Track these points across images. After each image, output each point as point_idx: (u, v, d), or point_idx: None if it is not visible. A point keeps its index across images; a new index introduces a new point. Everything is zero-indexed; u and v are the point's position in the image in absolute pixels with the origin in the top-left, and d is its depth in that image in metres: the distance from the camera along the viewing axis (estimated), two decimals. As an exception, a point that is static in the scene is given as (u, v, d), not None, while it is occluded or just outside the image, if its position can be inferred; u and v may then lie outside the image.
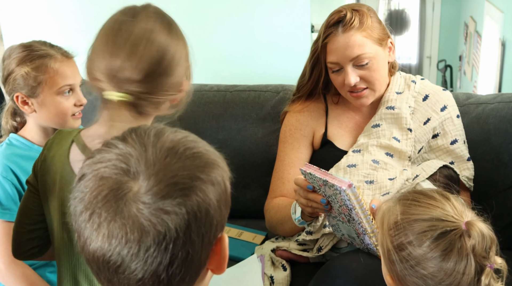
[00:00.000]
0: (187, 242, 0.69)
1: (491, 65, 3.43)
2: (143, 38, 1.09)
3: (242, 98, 2.02)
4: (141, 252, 0.67)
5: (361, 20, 1.52)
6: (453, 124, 1.66)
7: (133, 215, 0.67)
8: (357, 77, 1.54)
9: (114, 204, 0.67)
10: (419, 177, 1.54)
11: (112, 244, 0.67)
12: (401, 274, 0.90)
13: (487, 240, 0.89)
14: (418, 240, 0.88)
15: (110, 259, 0.68)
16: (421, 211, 0.91)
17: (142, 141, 0.72)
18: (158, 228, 0.66)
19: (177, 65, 1.12)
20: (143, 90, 1.10)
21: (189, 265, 0.71)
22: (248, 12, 2.45)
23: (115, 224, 0.67)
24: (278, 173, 1.70)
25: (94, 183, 0.69)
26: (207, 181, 0.72)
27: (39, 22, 2.62)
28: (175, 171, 0.69)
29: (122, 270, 0.68)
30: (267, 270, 1.56)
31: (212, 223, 0.72)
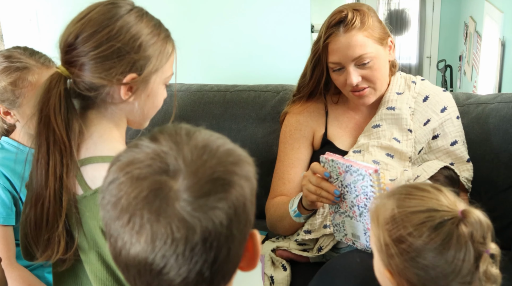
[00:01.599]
0: (229, 238, 0.69)
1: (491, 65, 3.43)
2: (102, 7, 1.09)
3: (242, 98, 2.02)
4: (187, 251, 0.66)
5: (362, 20, 1.52)
6: (453, 125, 1.66)
7: (177, 213, 0.66)
8: (359, 77, 1.55)
9: (156, 204, 0.66)
10: (420, 178, 1.54)
11: (157, 245, 0.66)
12: (401, 267, 0.91)
13: (484, 227, 0.91)
14: (418, 231, 0.89)
15: (154, 261, 0.66)
16: (416, 203, 0.92)
17: (175, 140, 0.71)
18: (204, 224, 0.66)
19: (122, 45, 1.07)
20: (73, 57, 1.07)
21: (230, 262, 0.71)
22: (248, 13, 2.46)
23: (159, 225, 0.65)
24: (279, 173, 1.71)
25: (129, 185, 0.67)
26: (242, 176, 0.72)
27: (39, 22, 2.62)
28: (213, 168, 0.69)
29: (166, 271, 0.67)
30: (267, 270, 1.56)
31: (248, 218, 0.73)
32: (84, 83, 1.08)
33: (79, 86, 1.09)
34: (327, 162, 1.34)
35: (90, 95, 1.10)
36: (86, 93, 1.10)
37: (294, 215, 1.51)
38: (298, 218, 1.52)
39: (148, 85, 1.14)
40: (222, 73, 2.51)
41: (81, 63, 1.07)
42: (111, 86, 1.10)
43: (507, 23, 3.03)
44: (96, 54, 1.06)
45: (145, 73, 1.11)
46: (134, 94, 1.13)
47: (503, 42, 3.01)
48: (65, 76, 1.09)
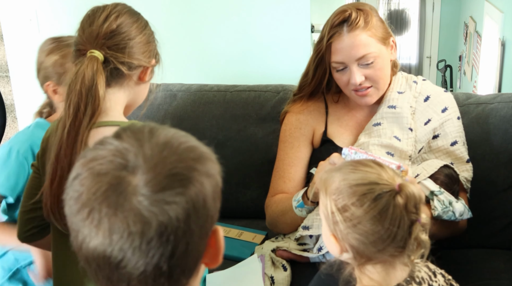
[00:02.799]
0: (187, 233, 0.70)
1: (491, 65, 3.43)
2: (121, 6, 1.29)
3: (242, 98, 2.02)
4: (143, 245, 0.67)
5: (366, 20, 1.52)
6: (453, 125, 1.66)
7: (134, 207, 0.67)
8: (362, 76, 1.55)
9: (114, 198, 0.68)
10: (420, 176, 1.54)
11: (114, 239, 0.67)
12: (345, 233, 1.01)
13: (416, 199, 1.01)
14: (360, 201, 1.00)
15: (112, 254, 0.68)
16: (360, 176, 1.02)
17: (137, 137, 0.73)
18: (159, 219, 0.67)
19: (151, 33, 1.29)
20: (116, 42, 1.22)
21: (188, 256, 0.72)
22: (248, 12, 2.46)
23: (116, 218, 0.67)
24: (279, 172, 1.71)
25: (91, 180, 0.69)
26: (203, 172, 0.73)
27: (39, 22, 2.62)
28: (173, 163, 0.70)
29: (124, 265, 0.68)
30: (267, 270, 1.56)
31: (208, 214, 0.73)
32: (124, 64, 1.24)
33: (118, 67, 1.23)
34: (349, 154, 1.37)
35: (130, 73, 1.26)
36: (127, 72, 1.25)
37: (297, 205, 1.52)
38: (300, 209, 1.53)
39: (152, 73, 1.33)
40: (222, 73, 2.51)
41: (122, 46, 1.23)
42: (142, 68, 1.27)
43: (507, 23, 3.03)
44: (139, 38, 1.25)
45: (157, 58, 1.32)
46: (148, 76, 1.31)
47: (503, 42, 3.02)
48: (100, 59, 1.22)
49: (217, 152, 2.24)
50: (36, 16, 2.61)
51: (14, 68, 2.74)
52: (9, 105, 2.85)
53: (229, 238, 1.83)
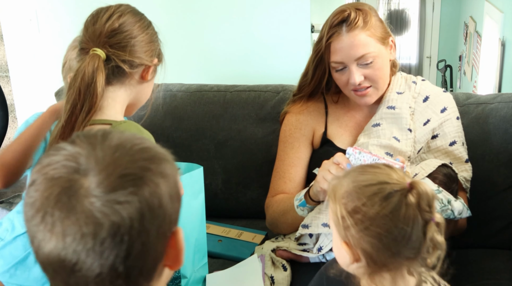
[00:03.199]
0: (142, 233, 0.69)
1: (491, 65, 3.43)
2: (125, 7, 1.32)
3: (242, 98, 2.02)
4: (96, 246, 0.67)
5: (365, 20, 1.53)
6: (452, 126, 1.66)
7: (86, 209, 0.67)
8: (361, 76, 1.55)
9: (66, 201, 0.68)
10: (418, 175, 1.54)
11: (67, 241, 0.67)
12: (357, 237, 0.97)
13: (429, 196, 0.97)
14: (370, 201, 0.96)
15: (66, 257, 0.68)
16: (369, 177, 0.99)
17: (90, 141, 0.73)
18: (111, 219, 0.67)
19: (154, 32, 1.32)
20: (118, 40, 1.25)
21: (146, 257, 0.71)
22: (248, 13, 2.46)
23: (69, 221, 0.68)
24: (279, 172, 1.71)
25: (44, 185, 0.70)
26: (157, 172, 0.73)
27: (39, 22, 2.62)
28: (124, 164, 0.71)
29: (79, 267, 0.68)
30: (267, 270, 1.56)
31: (166, 214, 0.73)
32: (125, 62, 1.26)
33: (119, 65, 1.26)
34: (353, 154, 1.37)
35: (132, 71, 1.28)
36: (128, 70, 1.28)
37: (299, 204, 1.52)
38: (302, 209, 1.53)
39: (155, 73, 1.36)
40: (222, 73, 2.51)
41: (124, 45, 1.26)
42: (143, 67, 1.30)
43: (507, 23, 3.03)
44: (141, 37, 1.28)
45: (160, 57, 1.35)
46: (151, 75, 1.34)
47: (503, 42, 3.02)
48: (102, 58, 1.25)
49: (217, 152, 2.25)
50: (36, 16, 2.61)
51: (14, 68, 2.74)
52: (9, 105, 2.85)
53: (229, 238, 1.83)
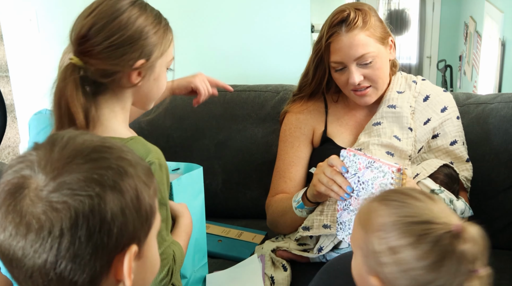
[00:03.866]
0: (74, 243, 0.68)
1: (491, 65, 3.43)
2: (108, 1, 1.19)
3: (242, 98, 2.02)
4: (27, 246, 0.69)
5: (364, 19, 1.53)
6: (453, 125, 1.66)
7: (24, 210, 0.69)
8: (361, 76, 1.55)
9: (12, 197, 0.70)
10: (419, 176, 1.54)
11: (5, 236, 0.70)
12: (391, 277, 0.89)
13: (479, 244, 0.88)
14: (417, 242, 0.87)
15: (4, 250, 0.71)
16: (413, 212, 0.90)
17: (54, 142, 0.74)
18: (42, 224, 0.68)
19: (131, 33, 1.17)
20: (87, 48, 1.14)
21: (80, 267, 0.70)
22: (248, 12, 2.46)
23: (9, 217, 0.70)
24: (279, 172, 1.71)
25: (4, 179, 0.73)
26: (106, 186, 0.70)
27: (39, 22, 2.62)
28: (71, 171, 0.70)
29: (15, 264, 0.70)
30: (267, 270, 1.56)
31: (110, 230, 0.70)
32: (99, 70, 1.16)
33: (93, 74, 1.16)
34: (348, 156, 1.35)
35: (105, 81, 1.18)
36: (100, 80, 1.17)
37: (297, 206, 1.52)
38: (300, 210, 1.53)
39: (154, 69, 1.24)
40: (222, 73, 2.51)
41: (96, 52, 1.15)
42: (123, 72, 1.18)
43: (507, 23, 3.03)
44: (110, 42, 1.15)
45: (152, 58, 1.21)
46: (143, 78, 1.22)
47: (503, 42, 3.02)
48: (78, 66, 1.16)
49: (217, 152, 2.25)
50: (36, 16, 2.61)
51: (14, 68, 2.74)
52: (9, 105, 2.85)
53: (229, 238, 1.83)
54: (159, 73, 1.26)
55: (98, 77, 1.17)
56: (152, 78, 1.24)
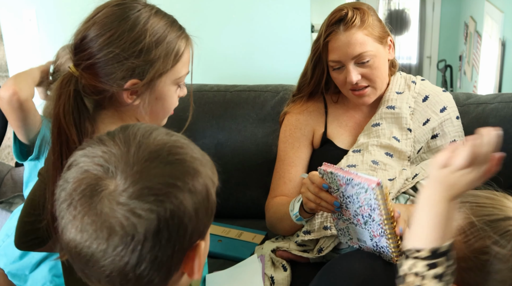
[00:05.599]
0: (155, 246, 0.69)
1: (491, 65, 3.43)
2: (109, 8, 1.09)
3: (242, 98, 2.02)
4: (109, 250, 0.68)
5: (362, 19, 1.53)
6: (452, 125, 1.66)
7: (104, 213, 0.68)
8: (358, 75, 1.55)
9: (89, 199, 0.69)
10: (418, 176, 1.54)
11: (83, 237, 0.69)
12: (481, 280, 0.82)
13: None
14: (504, 239, 0.81)
15: (81, 251, 0.70)
16: (491, 211, 0.85)
17: (128, 140, 0.72)
18: (126, 230, 0.67)
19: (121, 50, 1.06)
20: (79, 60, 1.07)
21: (158, 268, 0.71)
22: (248, 12, 2.45)
23: (88, 219, 0.68)
24: (279, 172, 1.71)
25: (76, 175, 0.71)
26: (185, 189, 0.71)
27: (39, 22, 2.62)
28: (151, 176, 0.69)
29: (92, 264, 0.70)
30: (267, 271, 1.56)
31: (186, 230, 0.71)
32: (89, 85, 1.08)
33: (84, 89, 1.09)
34: (325, 173, 1.30)
35: (96, 98, 1.10)
36: (92, 96, 1.09)
37: (296, 219, 1.50)
38: (300, 222, 1.52)
39: (154, 88, 1.12)
40: (222, 73, 2.51)
41: (86, 66, 1.07)
42: (113, 91, 1.09)
43: (507, 23, 3.03)
44: (98, 58, 1.06)
45: (147, 78, 1.09)
46: (139, 97, 1.11)
47: (503, 42, 3.02)
48: (75, 76, 1.08)
49: (217, 152, 2.25)
50: (36, 16, 2.61)
51: (14, 68, 2.74)
52: (9, 105, 2.84)
53: (229, 238, 1.83)
54: (162, 91, 1.13)
55: (89, 92, 1.08)
56: (153, 97, 1.12)
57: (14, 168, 2.21)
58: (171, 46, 1.11)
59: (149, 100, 1.12)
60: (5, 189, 2.13)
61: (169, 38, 1.11)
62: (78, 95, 1.09)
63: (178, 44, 1.13)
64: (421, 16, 6.78)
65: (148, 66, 1.08)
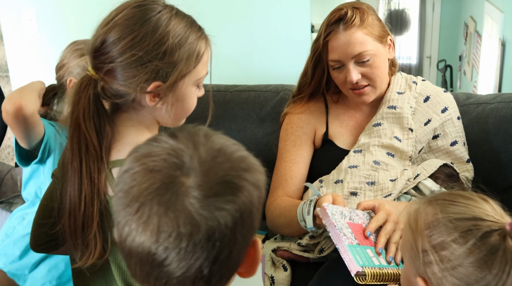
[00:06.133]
0: (231, 241, 0.70)
1: (491, 65, 3.43)
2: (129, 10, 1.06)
3: (242, 98, 2.02)
4: (189, 247, 0.67)
5: (362, 18, 1.53)
6: (453, 126, 1.66)
7: (186, 208, 0.67)
8: (358, 75, 1.55)
9: (166, 197, 0.68)
10: (420, 176, 1.54)
11: (161, 238, 0.67)
12: (439, 276, 0.86)
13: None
14: (463, 238, 0.84)
15: (156, 252, 0.68)
16: (461, 210, 0.87)
17: (193, 139, 0.73)
18: (209, 223, 0.67)
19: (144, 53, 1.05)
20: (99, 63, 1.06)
21: (228, 264, 0.72)
22: (248, 12, 2.45)
23: (166, 218, 0.67)
24: (280, 170, 1.69)
25: (143, 176, 0.69)
26: (252, 183, 0.73)
27: (39, 22, 2.62)
28: (225, 170, 0.71)
29: (167, 264, 0.68)
30: (267, 270, 1.56)
31: (252, 224, 0.74)
32: (111, 89, 1.08)
33: (105, 92, 1.09)
34: (326, 216, 1.29)
35: (117, 101, 1.10)
36: (113, 99, 1.09)
37: (308, 228, 1.42)
38: (315, 232, 1.47)
39: (176, 90, 1.11)
40: (222, 73, 2.51)
41: (107, 70, 1.06)
42: (135, 94, 1.08)
43: (507, 23, 3.03)
44: (120, 61, 1.05)
45: (171, 80, 1.08)
46: (162, 99, 1.10)
47: (503, 42, 3.02)
48: (95, 79, 1.08)
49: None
50: (36, 16, 2.61)
51: (14, 68, 2.74)
52: (9, 105, 2.84)
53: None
54: (184, 93, 1.13)
55: (111, 96, 1.08)
56: (174, 99, 1.11)
57: (14, 168, 2.21)
58: (192, 47, 1.11)
59: (171, 102, 1.12)
60: (5, 189, 2.13)
61: (190, 39, 1.10)
62: (97, 99, 1.09)
63: (199, 45, 1.12)
64: (421, 16, 6.78)
65: (172, 68, 1.08)
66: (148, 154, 0.71)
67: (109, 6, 1.10)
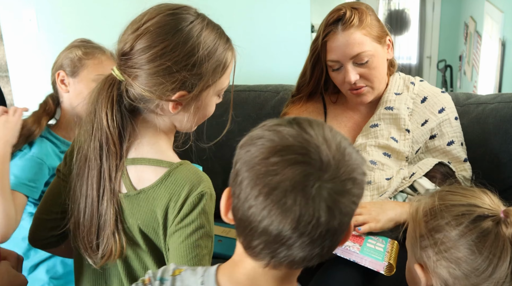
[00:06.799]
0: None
1: (491, 65, 3.43)
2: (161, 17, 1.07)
3: (242, 98, 2.02)
4: (322, 234, 0.73)
5: (361, 18, 1.53)
6: (450, 126, 1.66)
7: (322, 201, 0.72)
8: (357, 75, 1.55)
9: (307, 189, 0.72)
10: (415, 175, 1.54)
11: (301, 225, 0.72)
12: (434, 259, 0.89)
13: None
14: (456, 221, 0.87)
15: (290, 237, 0.73)
16: (458, 198, 0.91)
17: (322, 134, 0.76)
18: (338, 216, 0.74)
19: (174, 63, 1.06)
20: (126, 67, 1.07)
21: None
22: (248, 12, 2.46)
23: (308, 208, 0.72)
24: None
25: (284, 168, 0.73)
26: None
27: (39, 22, 2.62)
28: (352, 168, 0.76)
29: (296, 246, 0.74)
30: (267, 270, 1.56)
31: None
32: (135, 93, 1.09)
33: (129, 95, 1.10)
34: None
35: (139, 106, 1.11)
36: (135, 103, 1.10)
37: None
38: None
39: (199, 100, 1.13)
40: (222, 73, 2.51)
41: (134, 75, 1.07)
42: (159, 101, 1.09)
43: (507, 23, 3.03)
44: (148, 69, 1.06)
45: (196, 91, 1.09)
46: (184, 108, 1.12)
47: (503, 42, 3.02)
48: (119, 80, 1.09)
49: (217, 151, 2.24)
50: (36, 16, 2.61)
51: (14, 68, 2.74)
52: (9, 105, 2.85)
53: (229, 238, 1.83)
54: (205, 102, 1.15)
55: (134, 100, 1.09)
56: (195, 107, 1.13)
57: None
58: (219, 59, 1.12)
59: (193, 110, 1.13)
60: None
61: (218, 52, 1.12)
62: (121, 99, 1.10)
63: (225, 56, 1.14)
64: (421, 16, 6.78)
65: (198, 80, 1.09)
66: (287, 147, 0.75)
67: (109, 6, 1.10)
